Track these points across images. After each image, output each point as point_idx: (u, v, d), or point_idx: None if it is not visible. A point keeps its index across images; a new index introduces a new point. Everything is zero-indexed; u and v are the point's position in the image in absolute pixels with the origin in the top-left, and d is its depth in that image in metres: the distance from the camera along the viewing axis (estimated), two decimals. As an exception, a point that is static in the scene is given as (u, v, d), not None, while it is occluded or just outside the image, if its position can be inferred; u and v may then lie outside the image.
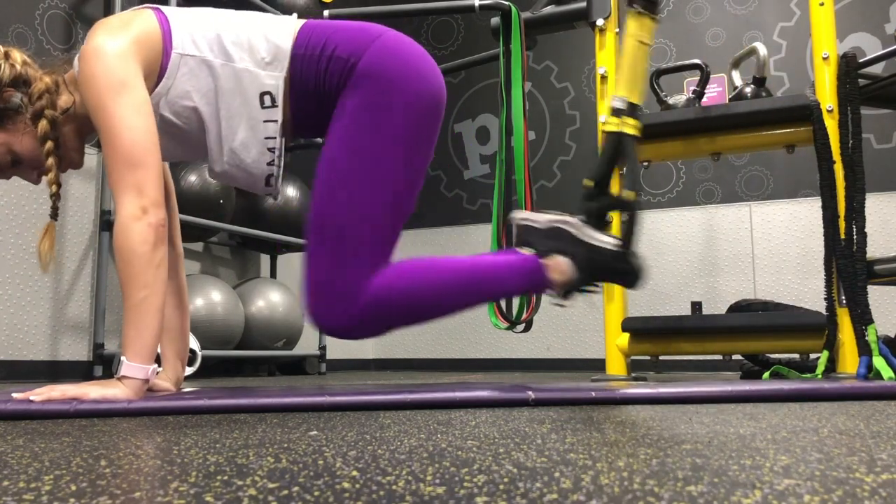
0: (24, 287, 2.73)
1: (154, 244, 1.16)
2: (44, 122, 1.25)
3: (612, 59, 2.51)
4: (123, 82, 1.18)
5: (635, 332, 2.36)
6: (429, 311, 1.31)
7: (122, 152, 1.16)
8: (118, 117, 1.17)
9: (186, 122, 1.28)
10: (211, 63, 1.25)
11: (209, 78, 1.26)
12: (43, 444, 0.75)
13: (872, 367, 1.80)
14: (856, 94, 2.08)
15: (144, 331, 1.14)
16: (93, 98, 1.19)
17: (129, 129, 1.17)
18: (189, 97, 1.26)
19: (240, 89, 1.26)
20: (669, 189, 4.25)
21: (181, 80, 1.25)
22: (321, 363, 3.85)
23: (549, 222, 1.41)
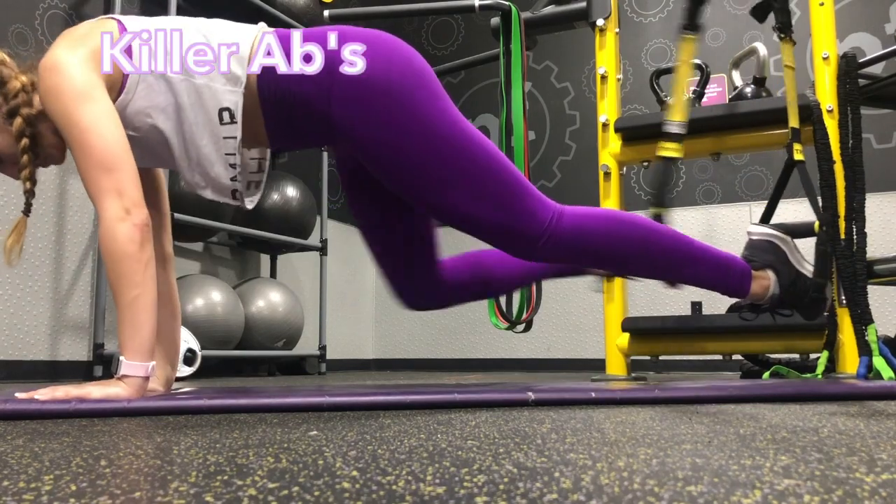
0: (24, 287, 2.73)
1: (141, 243, 1.16)
2: (19, 120, 1.24)
3: (612, 59, 2.51)
4: (86, 92, 1.18)
5: (635, 332, 2.36)
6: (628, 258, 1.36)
7: (96, 158, 1.16)
8: (86, 125, 1.16)
9: (147, 137, 1.27)
10: (170, 78, 1.24)
11: (168, 94, 1.24)
12: (43, 444, 0.75)
13: (872, 367, 1.80)
14: (856, 94, 2.08)
15: (140, 329, 1.15)
16: (58, 110, 1.18)
17: (100, 135, 1.17)
18: (148, 114, 1.25)
19: (200, 104, 1.24)
20: (669, 189, 4.25)
21: (140, 95, 1.24)
22: (321, 363, 3.85)
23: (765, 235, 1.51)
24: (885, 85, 2.14)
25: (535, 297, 2.24)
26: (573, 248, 1.34)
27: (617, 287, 2.41)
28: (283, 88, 1.25)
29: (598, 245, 1.35)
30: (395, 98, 1.24)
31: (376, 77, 1.23)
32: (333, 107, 1.24)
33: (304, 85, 1.24)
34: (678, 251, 1.40)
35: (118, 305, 1.15)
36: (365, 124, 1.24)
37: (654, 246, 1.38)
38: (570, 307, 4.32)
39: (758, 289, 1.47)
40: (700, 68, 2.44)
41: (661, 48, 4.43)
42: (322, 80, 1.24)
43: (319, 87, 1.24)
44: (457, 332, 4.62)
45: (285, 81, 1.25)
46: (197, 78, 1.24)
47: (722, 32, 4.28)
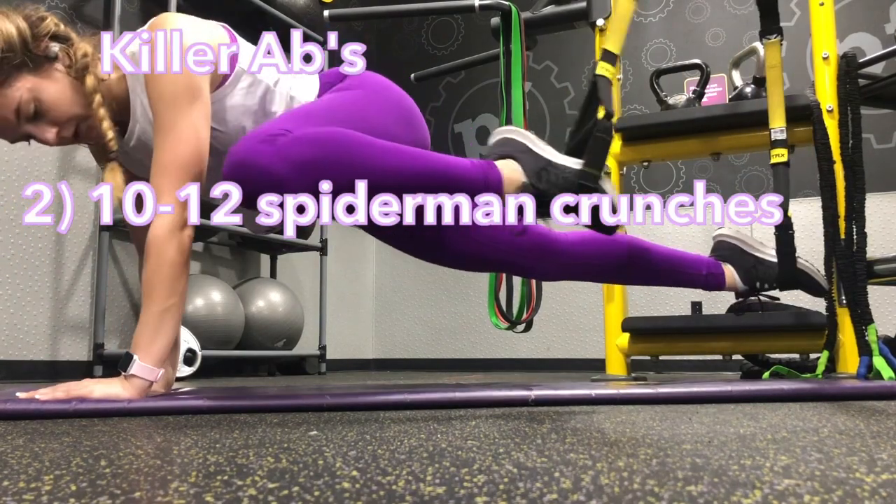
0: (24, 287, 2.73)
1: (188, 255, 1.18)
2: (91, 77, 1.22)
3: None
4: (200, 87, 1.19)
5: (635, 332, 2.36)
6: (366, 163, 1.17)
7: (183, 160, 1.16)
8: (189, 123, 1.17)
9: (229, 135, 1.29)
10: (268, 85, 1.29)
11: (263, 99, 1.29)
12: (43, 444, 0.75)
13: (872, 367, 1.80)
14: (856, 94, 2.08)
15: (163, 336, 1.15)
16: (166, 92, 1.17)
17: (198, 139, 1.17)
18: (243, 113, 1.28)
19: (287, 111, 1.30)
20: (669, 189, 4.25)
21: (239, 92, 1.27)
22: (321, 363, 3.85)
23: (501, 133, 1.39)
24: (885, 85, 2.14)
25: (535, 297, 2.24)
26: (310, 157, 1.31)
27: (617, 287, 2.41)
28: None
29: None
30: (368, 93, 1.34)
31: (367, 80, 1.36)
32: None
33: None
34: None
35: (148, 308, 1.15)
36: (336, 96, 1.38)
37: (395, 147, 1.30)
38: (570, 307, 4.32)
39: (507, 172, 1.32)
40: (700, 68, 2.44)
41: (661, 48, 4.43)
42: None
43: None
44: (457, 332, 4.62)
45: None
46: (293, 90, 1.30)
47: (722, 32, 4.28)
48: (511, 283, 2.35)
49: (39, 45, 1.21)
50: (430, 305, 4.72)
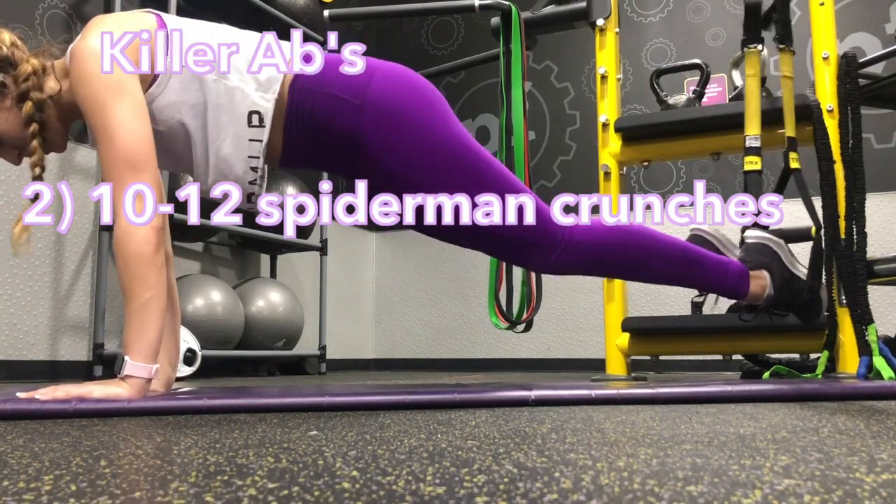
0: (24, 287, 2.73)
1: (157, 246, 1.16)
2: (29, 104, 1.24)
3: (612, 59, 2.51)
4: (122, 84, 1.18)
5: (635, 332, 2.36)
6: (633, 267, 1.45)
7: (122, 155, 1.16)
8: (117, 120, 1.17)
9: (170, 132, 1.27)
10: (203, 77, 1.24)
11: (199, 92, 1.25)
12: (43, 444, 0.75)
13: (872, 367, 1.80)
14: (856, 94, 2.08)
15: (148, 331, 1.15)
16: (89, 97, 1.18)
17: (129, 131, 1.17)
18: (178, 109, 1.25)
19: (230, 105, 1.25)
20: (669, 189, 4.25)
21: (171, 90, 1.24)
22: (321, 363, 3.85)
23: (760, 238, 1.58)
24: (885, 85, 2.14)
25: (535, 297, 2.24)
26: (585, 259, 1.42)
27: (617, 287, 2.41)
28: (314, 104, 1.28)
29: (609, 256, 1.44)
30: (414, 123, 1.29)
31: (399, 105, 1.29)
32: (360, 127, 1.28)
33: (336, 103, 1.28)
34: (681, 258, 1.49)
35: (128, 306, 1.15)
36: (387, 145, 1.29)
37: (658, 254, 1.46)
38: (570, 307, 4.32)
39: (755, 289, 1.53)
40: (700, 68, 2.44)
41: (661, 48, 4.43)
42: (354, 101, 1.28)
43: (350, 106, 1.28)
44: (457, 332, 4.62)
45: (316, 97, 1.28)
46: (231, 80, 1.25)
47: (722, 32, 4.28)
48: (511, 283, 2.35)
49: None
50: (430, 305, 4.72)
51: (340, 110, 1.28)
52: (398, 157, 1.29)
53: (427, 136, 1.29)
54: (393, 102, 1.29)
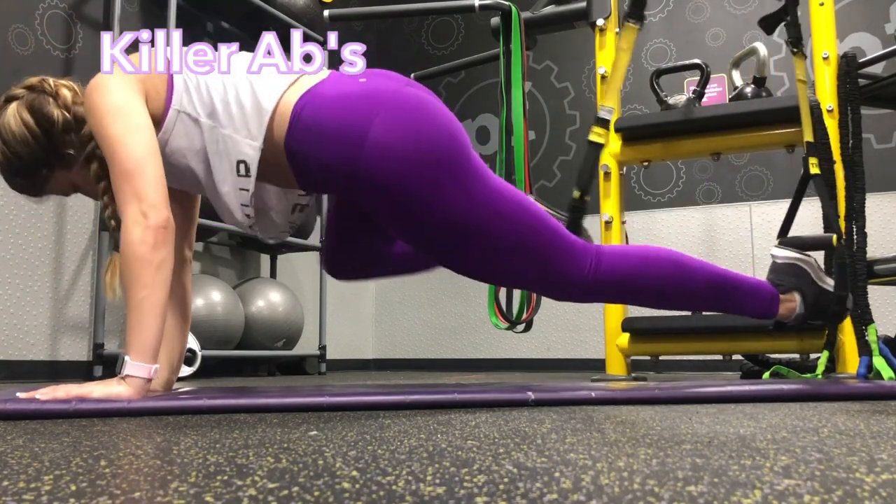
0: (24, 287, 2.73)
1: (153, 245, 1.16)
2: (95, 165, 1.29)
3: (612, 59, 2.51)
4: (122, 107, 1.20)
5: (635, 332, 2.36)
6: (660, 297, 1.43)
7: (120, 166, 1.18)
8: (115, 137, 1.18)
9: (181, 175, 1.30)
10: (202, 124, 1.25)
11: (200, 138, 1.26)
12: (43, 444, 0.75)
13: (872, 367, 1.80)
14: (856, 94, 2.08)
15: (145, 330, 1.15)
16: (94, 127, 1.21)
17: (124, 144, 1.18)
18: (184, 155, 1.27)
19: (224, 152, 1.25)
20: (669, 189, 4.25)
21: (177, 136, 1.26)
22: (321, 363, 3.85)
23: (789, 259, 1.56)
24: (885, 85, 2.14)
25: (535, 298, 2.24)
26: (613, 289, 1.39)
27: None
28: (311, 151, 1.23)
29: (637, 284, 1.40)
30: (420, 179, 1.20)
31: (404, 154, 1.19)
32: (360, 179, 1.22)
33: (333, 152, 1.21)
34: (712, 284, 1.44)
35: (127, 305, 1.16)
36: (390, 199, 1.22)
37: (689, 281, 1.43)
38: (570, 307, 4.32)
39: (784, 311, 1.53)
40: (700, 68, 2.44)
41: (661, 48, 4.43)
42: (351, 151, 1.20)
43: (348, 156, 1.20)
44: (457, 332, 4.62)
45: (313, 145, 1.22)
46: (223, 128, 1.24)
47: (722, 32, 4.28)
48: (511, 283, 2.34)
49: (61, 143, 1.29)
50: (430, 305, 4.72)
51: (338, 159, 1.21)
52: (401, 211, 1.24)
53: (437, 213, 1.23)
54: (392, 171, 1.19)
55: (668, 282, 1.40)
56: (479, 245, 1.28)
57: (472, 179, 1.24)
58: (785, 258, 1.56)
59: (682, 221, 4.15)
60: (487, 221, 1.26)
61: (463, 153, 1.24)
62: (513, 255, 1.29)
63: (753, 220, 4.01)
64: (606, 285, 1.37)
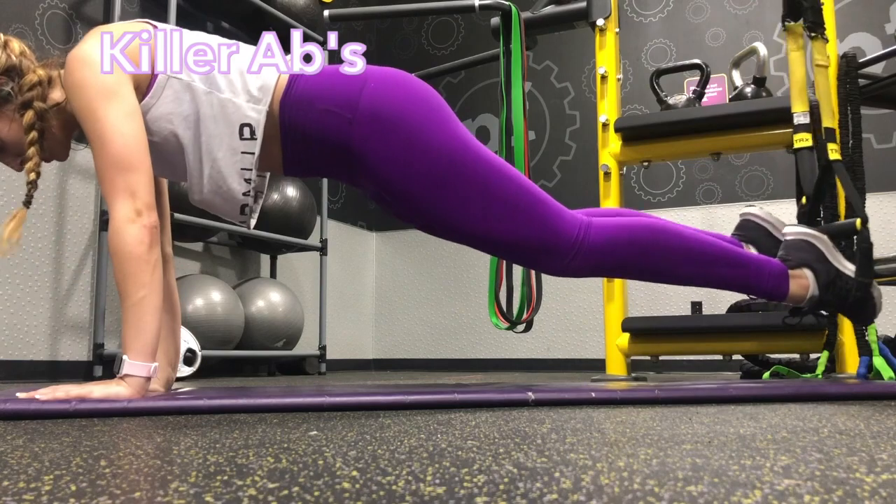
0: (24, 287, 2.73)
1: (149, 245, 1.17)
2: (30, 113, 1.25)
3: (612, 59, 2.51)
4: (113, 89, 1.19)
5: (635, 332, 2.36)
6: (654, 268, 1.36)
7: (114, 157, 1.17)
8: (109, 123, 1.17)
9: (164, 143, 1.28)
10: (195, 89, 1.25)
11: (192, 103, 1.25)
12: (43, 444, 0.75)
13: (872, 367, 1.80)
14: (856, 94, 2.08)
15: (144, 330, 1.15)
16: (82, 104, 1.19)
17: (121, 134, 1.18)
18: (170, 120, 1.26)
19: (223, 117, 1.25)
20: (669, 189, 4.25)
21: (164, 101, 1.25)
22: (321, 363, 3.85)
23: (799, 234, 1.44)
24: (885, 85, 2.14)
25: (535, 297, 2.24)
26: (602, 261, 1.34)
27: (617, 287, 2.41)
28: (307, 118, 1.27)
29: (626, 256, 1.34)
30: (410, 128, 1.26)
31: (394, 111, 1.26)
32: (355, 138, 1.26)
33: (328, 116, 1.26)
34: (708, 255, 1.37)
35: (123, 306, 1.16)
36: (384, 154, 1.26)
37: (681, 251, 1.36)
38: (570, 307, 4.32)
39: (797, 289, 1.40)
40: (700, 68, 2.44)
41: (661, 48, 4.43)
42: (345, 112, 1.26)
43: (342, 118, 1.26)
44: (457, 332, 4.62)
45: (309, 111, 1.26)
46: (222, 92, 1.25)
47: (722, 32, 4.28)
48: (511, 283, 2.35)
49: None
50: (430, 305, 4.72)
51: (332, 124, 1.26)
52: (395, 167, 1.27)
53: (425, 145, 1.26)
54: (385, 112, 1.25)
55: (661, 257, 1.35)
56: (478, 197, 1.28)
57: (465, 134, 1.31)
58: (795, 234, 1.45)
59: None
60: (485, 172, 1.28)
61: (451, 114, 1.32)
62: (507, 214, 1.29)
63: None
64: (594, 256, 1.33)
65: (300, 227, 3.60)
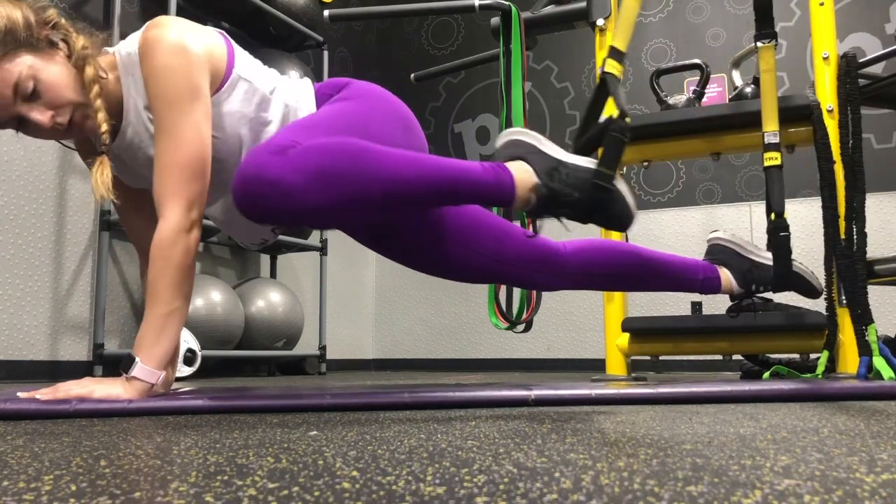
0: (24, 287, 2.73)
1: (194, 259, 1.18)
2: (90, 69, 1.19)
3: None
4: (202, 87, 1.18)
5: (635, 332, 2.36)
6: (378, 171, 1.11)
7: (187, 160, 1.16)
8: (192, 124, 1.16)
9: (226, 142, 1.26)
10: (260, 94, 1.27)
11: (259, 106, 1.27)
12: (43, 444, 0.75)
13: (872, 367, 1.80)
14: (856, 94, 2.08)
15: (167, 339, 1.15)
16: (167, 92, 1.15)
17: (201, 140, 1.17)
18: (239, 118, 1.26)
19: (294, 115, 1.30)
20: (669, 189, 4.25)
21: (236, 98, 1.25)
22: (321, 363, 3.85)
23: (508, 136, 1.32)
24: (885, 85, 2.14)
25: (534, 298, 2.24)
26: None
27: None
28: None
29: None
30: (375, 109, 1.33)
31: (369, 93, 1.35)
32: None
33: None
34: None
35: (153, 310, 1.14)
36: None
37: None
38: (570, 307, 4.32)
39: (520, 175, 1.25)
40: (700, 68, 2.44)
41: (661, 48, 4.43)
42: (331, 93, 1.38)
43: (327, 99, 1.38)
44: (457, 332, 4.62)
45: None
46: (288, 98, 1.30)
47: (722, 32, 4.28)
48: (511, 283, 2.35)
49: (42, 30, 1.18)
50: (430, 305, 4.72)
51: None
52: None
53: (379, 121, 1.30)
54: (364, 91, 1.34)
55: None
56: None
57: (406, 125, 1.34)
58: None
59: (682, 221, 4.15)
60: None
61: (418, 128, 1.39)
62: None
63: (753, 220, 4.01)
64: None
65: (299, 226, 3.60)
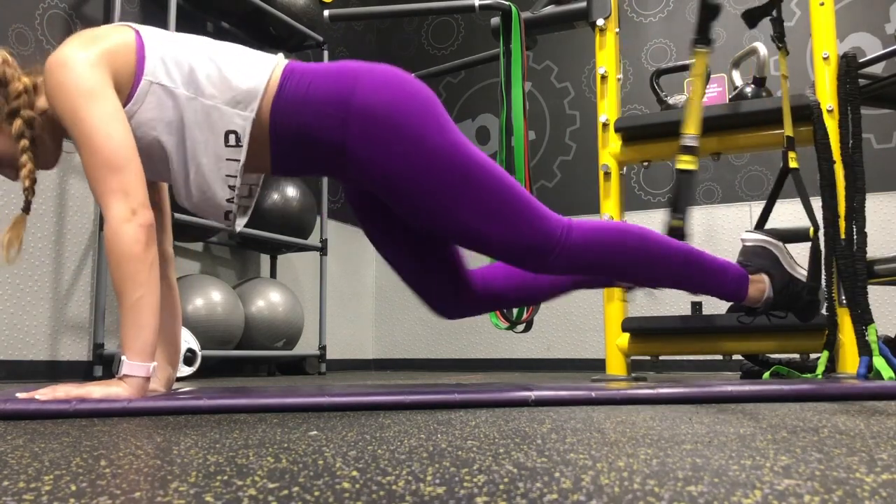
0: (24, 287, 2.73)
1: (146, 244, 1.16)
2: (18, 122, 1.24)
3: (612, 59, 2.51)
4: (94, 90, 1.18)
5: (635, 332, 2.36)
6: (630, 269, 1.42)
7: (103, 158, 1.16)
8: (94, 125, 1.16)
9: (148, 149, 1.26)
10: (178, 95, 1.23)
11: (175, 110, 1.24)
12: (43, 444, 0.75)
13: (872, 367, 1.80)
14: (856, 94, 2.08)
15: (143, 329, 1.15)
16: (65, 107, 1.18)
17: (107, 135, 1.17)
18: (153, 127, 1.24)
19: (207, 123, 1.24)
20: (669, 189, 4.25)
21: (147, 107, 1.23)
22: (321, 363, 3.85)
23: (758, 242, 1.57)
24: (885, 85, 2.14)
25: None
26: (582, 261, 1.39)
27: (617, 287, 2.41)
28: (298, 121, 1.25)
29: (606, 257, 1.40)
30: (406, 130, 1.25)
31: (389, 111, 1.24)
32: (348, 139, 1.25)
33: (320, 118, 1.25)
34: (680, 260, 1.46)
35: (121, 306, 1.15)
36: (379, 156, 1.25)
37: (657, 255, 1.43)
38: (570, 307, 4.32)
39: (754, 292, 1.53)
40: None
41: (661, 48, 4.43)
42: (338, 113, 1.24)
43: (335, 120, 1.24)
44: (457, 332, 4.62)
45: (300, 113, 1.25)
46: (206, 99, 1.23)
47: (722, 32, 4.28)
48: (511, 283, 2.34)
49: None
50: (430, 305, 4.72)
51: (325, 125, 1.24)
52: (388, 166, 1.25)
53: (417, 143, 1.25)
54: (380, 112, 1.24)
55: (636, 257, 1.42)
56: (470, 198, 1.28)
57: (458, 135, 1.31)
58: (754, 241, 1.59)
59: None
60: (477, 174, 1.28)
61: (445, 114, 1.31)
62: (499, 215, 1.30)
63: (753, 220, 4.01)
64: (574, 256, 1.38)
65: (300, 226, 3.60)
